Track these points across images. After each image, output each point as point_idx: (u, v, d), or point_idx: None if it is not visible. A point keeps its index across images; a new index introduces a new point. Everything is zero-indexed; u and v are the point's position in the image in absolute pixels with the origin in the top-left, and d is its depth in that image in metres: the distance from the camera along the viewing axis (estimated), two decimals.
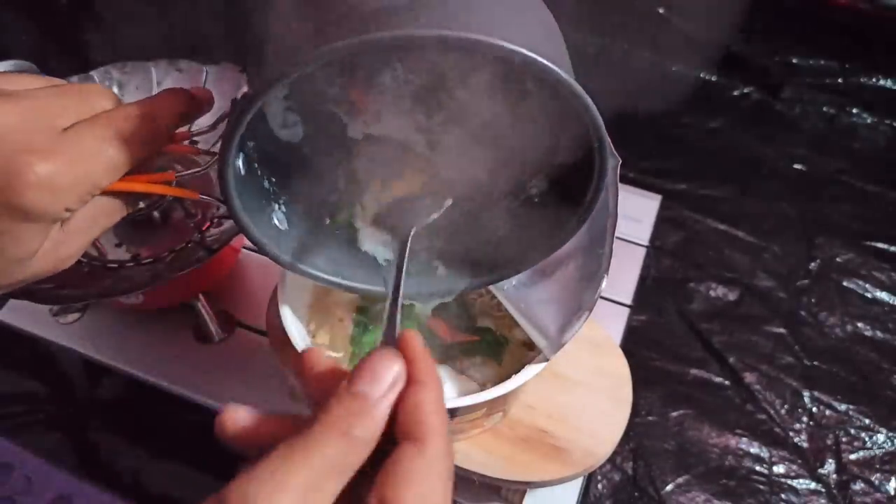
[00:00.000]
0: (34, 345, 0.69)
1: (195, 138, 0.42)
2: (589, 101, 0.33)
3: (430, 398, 0.27)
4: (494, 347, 0.52)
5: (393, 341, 0.30)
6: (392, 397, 0.27)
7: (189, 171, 0.40)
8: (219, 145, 0.35)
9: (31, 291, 0.52)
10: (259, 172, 0.41)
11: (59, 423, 0.69)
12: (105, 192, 0.35)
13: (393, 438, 0.27)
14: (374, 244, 0.45)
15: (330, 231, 0.45)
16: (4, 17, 1.03)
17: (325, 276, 0.44)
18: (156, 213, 0.58)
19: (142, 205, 0.56)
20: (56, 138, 0.32)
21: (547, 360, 0.45)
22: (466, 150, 0.43)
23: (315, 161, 0.45)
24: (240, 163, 0.37)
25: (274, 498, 0.24)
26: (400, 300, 0.33)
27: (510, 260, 0.44)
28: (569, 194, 0.40)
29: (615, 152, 0.47)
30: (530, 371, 0.45)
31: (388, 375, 0.27)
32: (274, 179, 0.42)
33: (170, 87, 0.39)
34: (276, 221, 0.42)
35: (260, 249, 0.40)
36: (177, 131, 0.38)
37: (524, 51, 0.30)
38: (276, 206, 0.42)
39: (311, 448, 0.25)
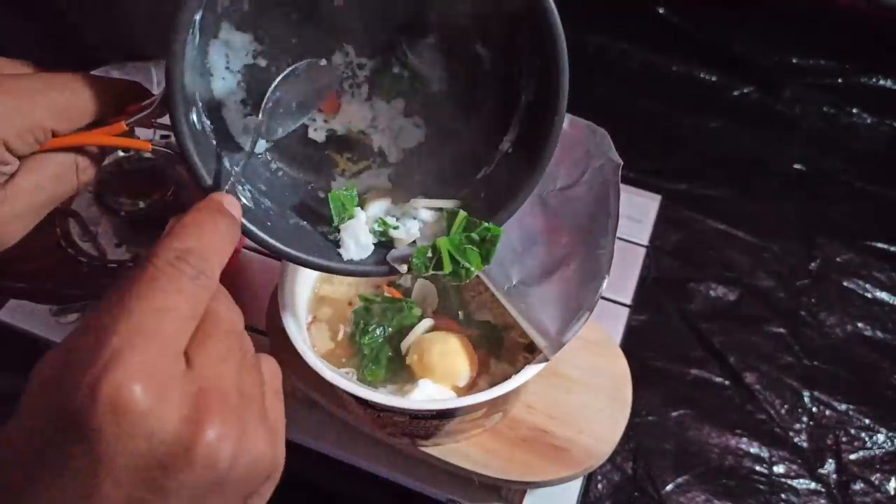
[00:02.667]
0: (34, 345, 0.69)
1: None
2: None
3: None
4: (493, 339, 0.52)
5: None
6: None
7: (135, 117, 0.36)
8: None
9: (32, 291, 0.52)
10: (220, 153, 0.40)
11: None
12: (51, 150, 0.34)
13: None
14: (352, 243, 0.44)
15: (297, 222, 0.44)
16: (4, 17, 1.03)
17: (298, 255, 0.41)
18: (156, 213, 0.58)
19: (143, 202, 0.57)
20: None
21: (547, 360, 0.45)
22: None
23: (280, 170, 0.45)
24: (193, 116, 0.37)
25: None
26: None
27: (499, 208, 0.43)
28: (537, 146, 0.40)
29: (617, 155, 0.47)
30: (530, 371, 0.45)
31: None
32: (237, 169, 0.41)
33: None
34: (243, 200, 0.40)
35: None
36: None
37: None
38: (241, 188, 0.41)
39: None
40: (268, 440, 0.26)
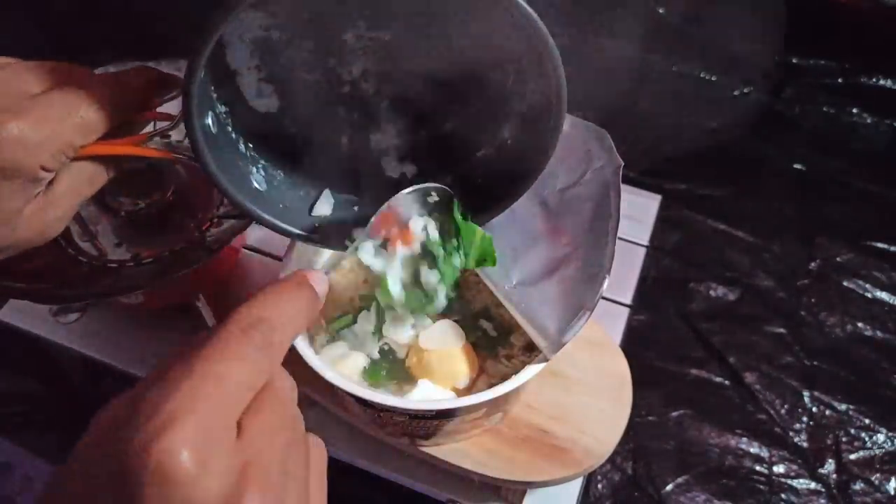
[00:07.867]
0: (34, 345, 0.69)
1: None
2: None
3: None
4: (493, 340, 0.52)
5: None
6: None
7: (158, 129, 0.40)
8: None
9: (32, 292, 0.52)
10: (234, 136, 0.41)
11: (59, 423, 0.69)
12: (82, 157, 0.37)
13: None
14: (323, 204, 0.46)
15: (308, 197, 0.46)
16: (4, 17, 1.03)
17: (302, 234, 0.43)
18: (156, 213, 0.58)
19: (143, 202, 0.57)
20: (27, 101, 0.34)
21: (547, 360, 0.45)
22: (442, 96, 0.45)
23: (291, 129, 0.45)
24: (208, 120, 0.38)
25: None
26: None
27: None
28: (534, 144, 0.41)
29: (617, 155, 0.47)
30: (530, 371, 0.45)
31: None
32: (251, 144, 0.43)
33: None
34: (255, 184, 0.42)
35: (236, 206, 0.40)
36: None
37: None
38: (255, 169, 0.42)
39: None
40: None
